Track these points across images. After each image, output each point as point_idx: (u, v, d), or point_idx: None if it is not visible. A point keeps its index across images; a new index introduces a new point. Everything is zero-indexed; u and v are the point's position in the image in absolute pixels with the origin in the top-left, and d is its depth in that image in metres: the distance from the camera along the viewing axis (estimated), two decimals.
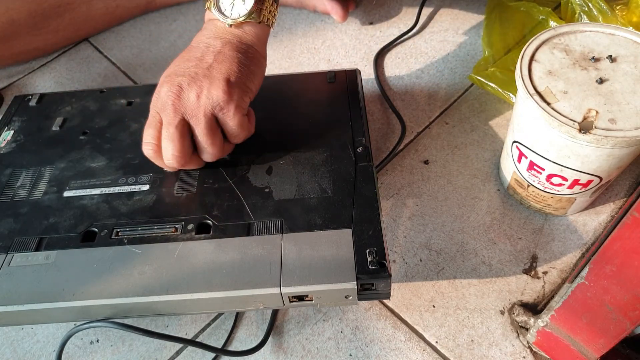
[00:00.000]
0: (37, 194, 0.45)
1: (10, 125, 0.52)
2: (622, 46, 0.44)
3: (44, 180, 0.46)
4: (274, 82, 0.53)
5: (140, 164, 0.46)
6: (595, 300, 0.41)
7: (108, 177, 0.46)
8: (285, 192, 0.43)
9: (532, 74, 0.43)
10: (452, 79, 0.64)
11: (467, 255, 0.49)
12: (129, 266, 0.39)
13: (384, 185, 0.55)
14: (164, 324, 0.47)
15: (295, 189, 0.43)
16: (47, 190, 0.45)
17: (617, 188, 0.53)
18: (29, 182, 0.46)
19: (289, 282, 0.36)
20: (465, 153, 0.57)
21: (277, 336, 0.46)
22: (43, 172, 0.47)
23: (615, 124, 0.39)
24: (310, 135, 0.48)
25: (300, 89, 0.53)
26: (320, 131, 0.48)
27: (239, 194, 0.43)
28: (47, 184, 0.46)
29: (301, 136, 0.48)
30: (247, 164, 0.46)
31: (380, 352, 0.44)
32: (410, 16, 0.71)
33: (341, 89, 0.52)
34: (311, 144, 0.47)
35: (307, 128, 0.48)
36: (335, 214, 0.41)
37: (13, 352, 0.46)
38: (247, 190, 0.43)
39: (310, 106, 0.51)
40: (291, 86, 0.53)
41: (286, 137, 0.48)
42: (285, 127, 0.49)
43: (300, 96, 0.52)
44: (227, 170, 0.45)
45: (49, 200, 0.44)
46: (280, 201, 0.42)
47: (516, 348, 0.44)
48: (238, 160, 0.46)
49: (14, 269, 0.39)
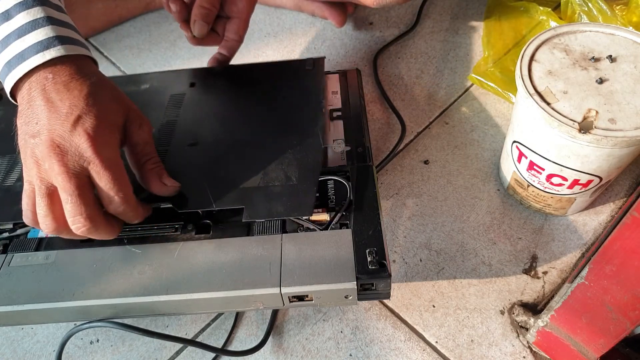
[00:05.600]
0: (9, 180, 0.45)
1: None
2: (622, 46, 0.44)
3: (18, 167, 0.46)
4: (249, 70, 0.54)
5: None
6: (595, 300, 0.41)
7: None
8: (250, 180, 0.42)
9: (532, 74, 0.43)
10: (452, 79, 0.64)
11: (467, 255, 0.49)
12: (129, 266, 0.39)
13: (384, 185, 0.55)
14: (164, 324, 0.47)
15: (260, 176, 0.42)
16: (21, 177, 0.44)
17: (617, 188, 0.53)
18: (3, 168, 0.46)
19: (288, 282, 0.36)
20: (465, 153, 0.57)
21: (277, 336, 0.46)
22: (18, 159, 0.46)
23: (615, 124, 0.39)
24: (281, 122, 0.47)
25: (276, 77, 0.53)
26: (292, 118, 0.48)
27: (202, 182, 0.43)
28: (20, 171, 0.45)
29: (272, 123, 0.47)
30: (213, 150, 0.45)
31: (380, 352, 0.44)
32: (410, 16, 0.71)
33: (318, 76, 0.52)
34: (281, 131, 0.46)
35: (279, 115, 0.48)
36: (298, 202, 0.40)
37: (13, 352, 0.46)
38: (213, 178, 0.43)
39: (284, 94, 0.51)
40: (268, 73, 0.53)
41: (256, 123, 0.48)
42: (255, 113, 0.49)
43: (275, 84, 0.52)
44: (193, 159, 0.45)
45: (20, 187, 0.43)
46: (245, 189, 0.42)
47: (516, 348, 0.44)
48: (204, 148, 0.46)
49: (14, 268, 0.39)
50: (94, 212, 0.36)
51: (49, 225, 0.36)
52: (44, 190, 0.36)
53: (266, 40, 0.71)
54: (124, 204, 0.37)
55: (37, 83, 0.36)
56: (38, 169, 0.36)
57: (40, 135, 0.35)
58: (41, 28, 0.36)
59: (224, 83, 0.54)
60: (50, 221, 0.36)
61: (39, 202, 0.36)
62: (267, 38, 0.71)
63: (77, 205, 0.35)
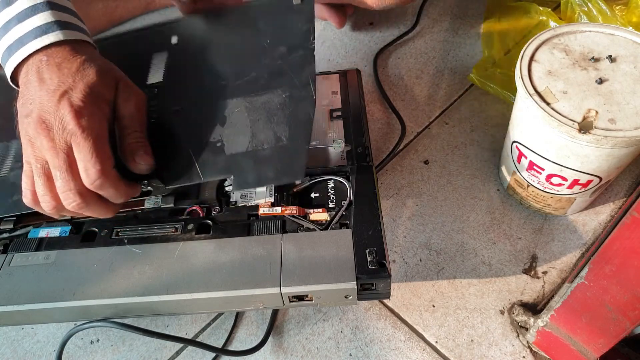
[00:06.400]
0: (3, 171, 0.44)
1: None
2: (621, 46, 0.44)
3: (10, 155, 0.45)
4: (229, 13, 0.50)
5: None
6: (595, 300, 0.41)
7: None
8: (239, 145, 0.40)
9: (532, 74, 0.43)
10: (452, 79, 0.64)
11: (467, 255, 0.49)
12: (129, 266, 0.39)
13: (384, 185, 0.55)
14: (164, 324, 0.47)
15: (248, 140, 0.40)
16: (13, 167, 0.44)
17: (617, 188, 0.53)
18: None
19: (288, 282, 0.36)
20: (465, 153, 0.57)
21: (277, 336, 0.46)
22: (10, 147, 0.45)
23: (615, 124, 0.39)
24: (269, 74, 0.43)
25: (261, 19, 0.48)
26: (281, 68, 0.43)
27: (190, 153, 0.40)
28: (13, 159, 0.45)
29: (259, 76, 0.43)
30: (200, 115, 0.42)
31: (380, 352, 0.44)
32: (410, 16, 0.71)
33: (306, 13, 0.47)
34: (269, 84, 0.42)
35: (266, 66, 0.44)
36: (288, 165, 0.38)
37: (13, 352, 0.46)
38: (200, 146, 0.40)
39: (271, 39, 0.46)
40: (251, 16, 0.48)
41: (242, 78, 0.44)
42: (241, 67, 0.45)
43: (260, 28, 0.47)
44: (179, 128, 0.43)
45: (14, 177, 0.43)
46: (233, 155, 0.40)
47: (516, 348, 0.44)
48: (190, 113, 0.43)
49: (14, 269, 0.40)
50: (84, 186, 0.36)
51: (48, 204, 0.36)
52: (40, 169, 0.36)
53: None
54: (100, 177, 0.35)
55: (33, 66, 0.36)
56: (32, 147, 0.36)
57: (32, 113, 0.35)
58: (41, 13, 0.37)
59: (206, 35, 0.49)
60: (49, 200, 0.36)
61: (37, 182, 0.36)
62: None
63: (66, 181, 0.35)
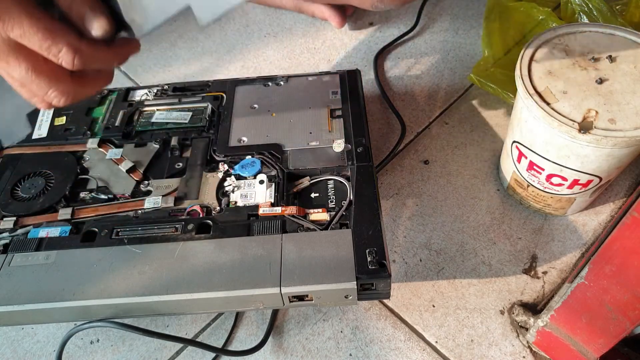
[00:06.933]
0: None
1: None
2: (622, 46, 0.44)
3: None
4: None
5: None
6: (595, 300, 0.41)
7: None
8: None
9: (532, 74, 0.43)
10: (452, 79, 0.64)
11: (467, 255, 0.49)
12: (129, 266, 0.39)
13: (384, 185, 0.55)
14: (164, 324, 0.47)
15: None
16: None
17: (617, 188, 0.53)
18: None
19: (289, 282, 0.36)
20: (465, 153, 0.57)
21: (277, 336, 0.46)
22: None
23: (615, 124, 0.39)
24: None
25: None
26: None
27: None
28: None
29: None
30: None
31: (380, 352, 0.44)
32: (410, 16, 0.71)
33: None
34: None
35: None
36: None
37: (13, 352, 0.46)
38: None
39: None
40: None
41: None
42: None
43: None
44: None
45: None
46: None
47: (516, 348, 0.44)
48: None
49: (14, 269, 0.39)
50: (67, 76, 0.34)
51: (43, 85, 0.34)
52: (14, 61, 0.32)
53: (266, 40, 0.71)
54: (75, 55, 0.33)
55: None
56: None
57: None
58: None
59: None
60: (41, 80, 0.33)
61: (20, 74, 0.33)
62: (267, 38, 0.71)
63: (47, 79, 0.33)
